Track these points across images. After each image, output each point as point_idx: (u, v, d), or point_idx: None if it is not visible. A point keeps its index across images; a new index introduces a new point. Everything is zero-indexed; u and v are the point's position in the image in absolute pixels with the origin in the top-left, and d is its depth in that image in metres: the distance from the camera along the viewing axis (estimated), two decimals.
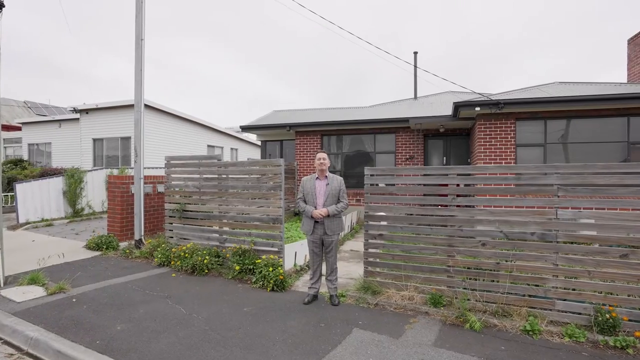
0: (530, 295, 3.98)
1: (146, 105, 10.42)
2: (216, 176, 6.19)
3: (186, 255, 5.76)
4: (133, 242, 7.02)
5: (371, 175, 4.83)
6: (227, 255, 5.66)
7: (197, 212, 6.36)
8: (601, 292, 3.79)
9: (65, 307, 4.20)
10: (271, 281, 4.91)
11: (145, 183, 7.29)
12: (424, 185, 4.68)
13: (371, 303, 4.44)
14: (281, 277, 4.94)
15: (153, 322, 3.83)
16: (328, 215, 4.36)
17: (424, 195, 4.63)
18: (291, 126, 12.59)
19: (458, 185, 4.35)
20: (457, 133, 11.32)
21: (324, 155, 4.53)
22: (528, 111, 8.58)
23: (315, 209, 4.42)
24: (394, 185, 4.88)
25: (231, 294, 4.72)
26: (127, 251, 6.62)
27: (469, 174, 4.22)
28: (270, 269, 5.07)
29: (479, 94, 9.62)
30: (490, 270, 4.17)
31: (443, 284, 4.38)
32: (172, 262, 5.83)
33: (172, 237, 6.60)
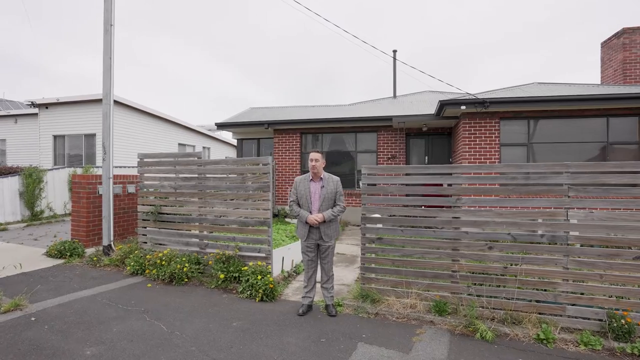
0: (539, 301, 3.79)
1: (114, 101, 9.65)
2: (196, 176, 5.67)
3: (163, 262, 5.23)
4: (101, 249, 6.36)
5: (369, 174, 4.50)
6: (210, 262, 5.18)
7: (175, 214, 5.82)
8: (611, 296, 3.65)
9: (23, 328, 3.61)
10: (260, 290, 4.48)
11: (114, 183, 6.65)
12: (426, 185, 4.40)
13: (371, 313, 4.11)
14: (271, 286, 4.53)
15: (130, 343, 3.32)
16: (324, 221, 4.00)
17: (426, 195, 4.36)
18: (269, 124, 12.10)
19: (473, 184, 4.10)
20: (439, 132, 11.24)
21: (317, 155, 4.11)
22: (512, 110, 8.56)
23: (310, 213, 4.05)
24: (390, 185, 4.57)
25: (216, 306, 4.26)
26: (95, 258, 5.97)
27: (475, 173, 3.96)
28: (259, 277, 4.64)
29: (466, 92, 9.53)
30: (498, 274, 3.95)
31: (447, 290, 4.13)
32: (147, 271, 5.27)
33: (145, 243, 6.02)
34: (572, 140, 8.53)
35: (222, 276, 4.84)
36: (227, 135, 25.86)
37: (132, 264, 5.45)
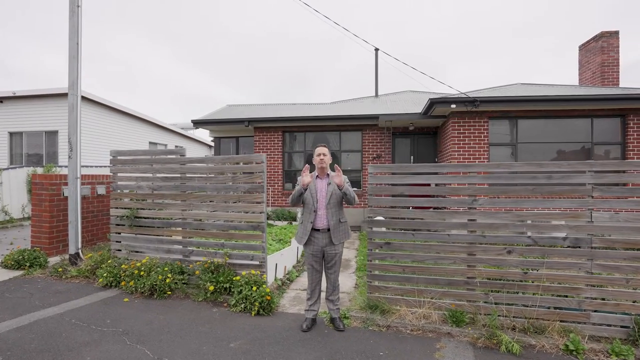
0: (561, 308, 3.54)
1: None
2: (178, 175, 5.10)
3: (142, 273, 4.63)
4: (67, 257, 5.64)
5: (376, 173, 4.14)
6: (197, 272, 4.63)
7: (154, 218, 5.21)
8: (635, 302, 3.45)
9: None
10: (256, 303, 4.01)
11: (82, 183, 5.93)
12: (438, 185, 4.08)
13: (382, 325, 3.74)
14: (268, 298, 4.06)
15: None
16: (340, 185, 3.51)
17: (439, 196, 4.04)
18: (250, 121, 11.53)
19: (494, 184, 3.81)
20: (425, 132, 11.08)
21: (325, 149, 3.71)
22: (501, 110, 8.48)
23: (316, 212, 3.62)
24: (399, 185, 4.21)
25: (208, 323, 3.74)
26: (60, 269, 5.26)
27: (492, 172, 3.68)
28: (254, 287, 4.16)
29: (458, 91, 9.37)
30: (518, 281, 3.69)
31: (462, 298, 3.82)
32: (123, 283, 4.65)
33: (120, 250, 5.37)
34: (558, 141, 8.56)
35: (211, 288, 4.32)
36: (200, 134, 24.95)
37: (104, 274, 4.80)
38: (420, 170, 4.00)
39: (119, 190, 5.47)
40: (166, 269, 4.66)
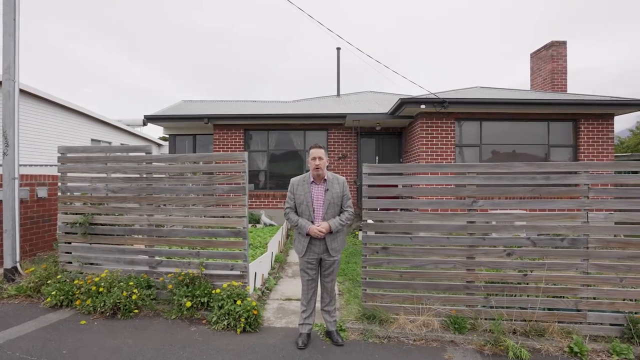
0: (557, 309, 3.54)
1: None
2: (144, 175, 4.46)
3: (101, 289, 3.98)
4: (1, 273, 4.77)
5: (370, 174, 3.88)
6: (169, 285, 4.06)
7: (113, 225, 4.53)
8: (624, 299, 3.54)
9: None
10: (242, 319, 3.58)
11: (19, 185, 5.05)
12: (437, 185, 3.93)
13: (382, 336, 3.49)
14: (255, 312, 3.65)
15: None
16: (330, 232, 3.26)
17: (438, 198, 3.88)
18: (210, 118, 10.83)
19: (499, 185, 3.70)
20: (390, 132, 11.12)
21: (320, 152, 3.33)
22: (467, 112, 8.70)
23: (313, 223, 3.28)
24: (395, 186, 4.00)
25: (189, 346, 3.25)
26: None
27: (493, 173, 3.59)
28: (238, 301, 3.72)
29: (429, 91, 9.44)
30: (518, 283, 3.62)
31: (462, 303, 3.69)
32: (78, 302, 3.96)
33: (70, 263, 4.60)
34: (518, 142, 8.95)
35: (188, 304, 3.79)
36: (148, 132, 23.28)
37: (53, 292, 4.07)
38: (420, 171, 3.82)
39: (69, 193, 4.70)
40: (131, 283, 4.05)
